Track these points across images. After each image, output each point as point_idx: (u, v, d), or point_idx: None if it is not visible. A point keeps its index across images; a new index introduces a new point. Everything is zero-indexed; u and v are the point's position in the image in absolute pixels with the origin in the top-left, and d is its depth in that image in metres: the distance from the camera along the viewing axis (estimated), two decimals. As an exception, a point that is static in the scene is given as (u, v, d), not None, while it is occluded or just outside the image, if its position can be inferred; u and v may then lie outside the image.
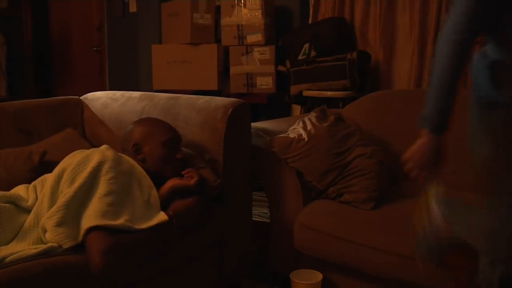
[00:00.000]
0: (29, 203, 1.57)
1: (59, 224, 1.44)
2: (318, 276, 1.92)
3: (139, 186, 1.61)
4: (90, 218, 1.43)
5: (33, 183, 1.64)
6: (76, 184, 1.50)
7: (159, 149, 1.75)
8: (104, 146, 1.67)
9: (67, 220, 1.45)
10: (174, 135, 1.80)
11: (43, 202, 1.53)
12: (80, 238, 1.43)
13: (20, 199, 1.57)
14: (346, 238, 1.82)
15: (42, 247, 1.43)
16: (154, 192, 1.63)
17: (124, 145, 1.79)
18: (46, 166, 1.74)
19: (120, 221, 1.45)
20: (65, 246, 1.43)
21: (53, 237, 1.44)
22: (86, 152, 1.62)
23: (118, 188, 1.53)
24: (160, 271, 1.68)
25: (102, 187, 1.50)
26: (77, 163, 1.56)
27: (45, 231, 1.47)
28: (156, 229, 1.52)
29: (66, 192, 1.49)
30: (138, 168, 1.66)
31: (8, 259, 1.37)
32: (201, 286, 1.92)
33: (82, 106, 2.27)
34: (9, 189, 1.65)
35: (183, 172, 1.74)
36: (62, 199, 1.48)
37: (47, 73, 5.79)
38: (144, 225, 1.50)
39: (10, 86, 5.40)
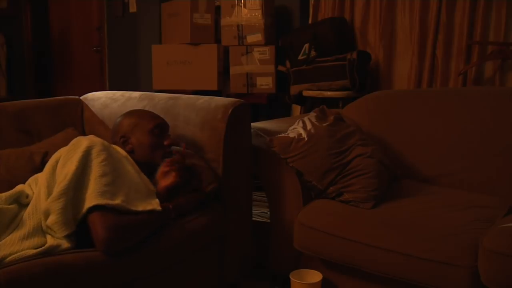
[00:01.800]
0: (29, 198, 1.59)
1: (63, 207, 1.46)
2: (318, 276, 1.92)
3: (131, 168, 1.65)
4: (90, 198, 1.47)
5: (27, 183, 1.66)
6: (70, 170, 1.52)
7: (146, 137, 1.77)
8: (91, 135, 1.70)
9: (67, 206, 1.48)
10: (159, 122, 1.83)
11: (40, 194, 1.55)
12: (78, 218, 1.47)
13: (22, 195, 1.60)
14: (346, 237, 1.82)
15: (41, 246, 1.43)
16: (142, 175, 1.67)
17: (114, 139, 1.82)
18: (47, 167, 1.74)
19: (117, 201, 1.49)
20: (62, 234, 1.45)
21: (56, 220, 1.45)
22: (73, 140, 1.64)
23: (111, 170, 1.56)
24: (160, 271, 1.68)
25: (95, 170, 1.53)
26: (67, 151, 1.59)
27: (47, 216, 1.48)
28: (153, 213, 1.58)
29: (62, 179, 1.51)
30: (127, 155, 1.70)
31: (7, 259, 1.38)
32: (201, 286, 1.92)
33: (82, 106, 2.27)
34: (9, 189, 1.65)
35: (162, 168, 1.72)
36: (59, 185, 1.50)
37: (47, 73, 5.79)
38: (140, 207, 1.54)
39: (10, 86, 5.40)
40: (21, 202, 1.59)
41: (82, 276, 1.43)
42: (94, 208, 1.45)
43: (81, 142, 1.60)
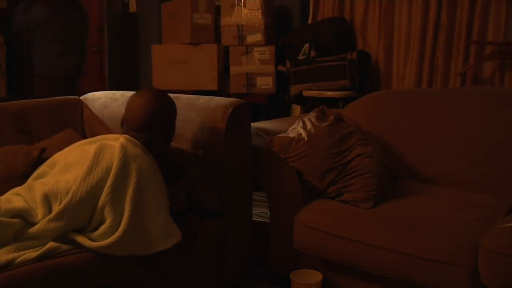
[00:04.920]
0: (39, 217, 1.49)
1: (127, 246, 1.49)
2: (318, 276, 1.92)
3: (160, 176, 1.64)
4: (157, 243, 1.52)
5: (44, 192, 1.51)
6: (125, 210, 1.50)
7: (174, 129, 1.80)
8: (124, 141, 1.59)
9: (130, 242, 1.50)
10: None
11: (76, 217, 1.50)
12: (151, 252, 1.53)
13: (29, 214, 1.49)
14: (346, 236, 1.82)
15: (41, 248, 1.42)
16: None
17: (147, 128, 1.69)
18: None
19: (177, 235, 1.56)
20: (135, 253, 1.51)
21: (124, 246, 1.48)
22: (116, 160, 1.54)
23: (162, 197, 1.57)
24: (161, 271, 1.68)
25: (151, 204, 1.53)
26: (116, 180, 1.51)
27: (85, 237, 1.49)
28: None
29: (116, 216, 1.50)
30: (150, 157, 1.63)
31: (16, 261, 1.37)
32: (201, 286, 1.92)
33: (82, 106, 2.27)
34: (8, 184, 1.63)
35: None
36: (124, 222, 1.49)
37: (47, 73, 5.78)
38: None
39: (10, 86, 5.38)
40: (30, 221, 1.49)
41: (83, 277, 1.43)
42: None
43: (130, 168, 1.53)
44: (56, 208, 1.48)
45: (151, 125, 1.69)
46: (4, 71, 5.29)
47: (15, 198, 1.53)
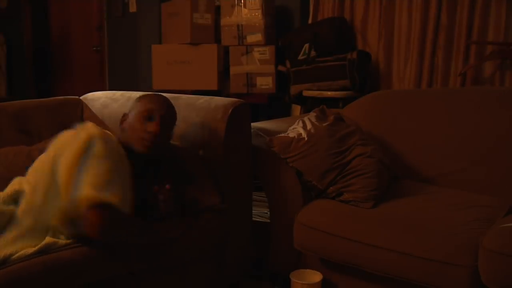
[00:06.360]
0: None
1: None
2: (318, 276, 1.92)
3: (126, 164, 1.60)
4: (88, 189, 1.42)
5: (27, 178, 1.60)
6: (71, 167, 1.48)
7: (134, 118, 1.72)
8: (90, 124, 1.63)
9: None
10: (152, 108, 1.72)
11: (36, 189, 1.51)
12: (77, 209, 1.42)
13: (22, 196, 1.55)
14: (346, 237, 1.82)
15: (39, 245, 1.43)
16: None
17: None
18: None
19: (116, 199, 1.44)
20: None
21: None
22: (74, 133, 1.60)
23: (112, 165, 1.51)
24: (160, 270, 1.68)
25: (94, 166, 1.49)
26: (67, 146, 1.54)
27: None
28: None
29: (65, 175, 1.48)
30: (121, 148, 1.63)
31: (13, 257, 1.38)
32: (201, 286, 1.92)
33: (82, 106, 2.27)
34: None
35: (155, 188, 1.67)
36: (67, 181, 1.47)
37: (47, 73, 5.79)
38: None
39: (10, 86, 5.39)
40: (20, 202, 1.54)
41: (81, 271, 1.44)
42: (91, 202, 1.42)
43: (80, 136, 1.56)
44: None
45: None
46: (4, 71, 5.30)
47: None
